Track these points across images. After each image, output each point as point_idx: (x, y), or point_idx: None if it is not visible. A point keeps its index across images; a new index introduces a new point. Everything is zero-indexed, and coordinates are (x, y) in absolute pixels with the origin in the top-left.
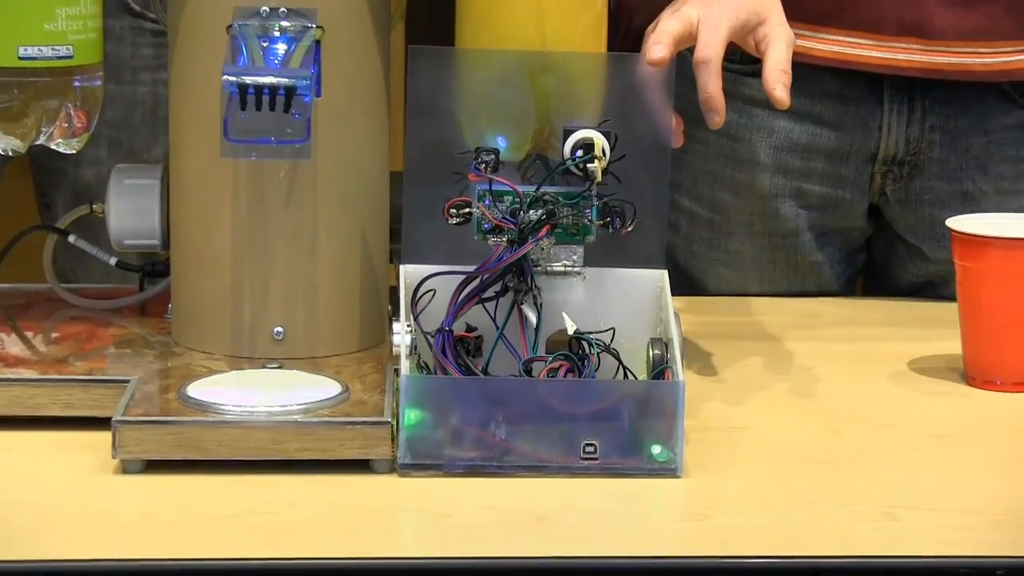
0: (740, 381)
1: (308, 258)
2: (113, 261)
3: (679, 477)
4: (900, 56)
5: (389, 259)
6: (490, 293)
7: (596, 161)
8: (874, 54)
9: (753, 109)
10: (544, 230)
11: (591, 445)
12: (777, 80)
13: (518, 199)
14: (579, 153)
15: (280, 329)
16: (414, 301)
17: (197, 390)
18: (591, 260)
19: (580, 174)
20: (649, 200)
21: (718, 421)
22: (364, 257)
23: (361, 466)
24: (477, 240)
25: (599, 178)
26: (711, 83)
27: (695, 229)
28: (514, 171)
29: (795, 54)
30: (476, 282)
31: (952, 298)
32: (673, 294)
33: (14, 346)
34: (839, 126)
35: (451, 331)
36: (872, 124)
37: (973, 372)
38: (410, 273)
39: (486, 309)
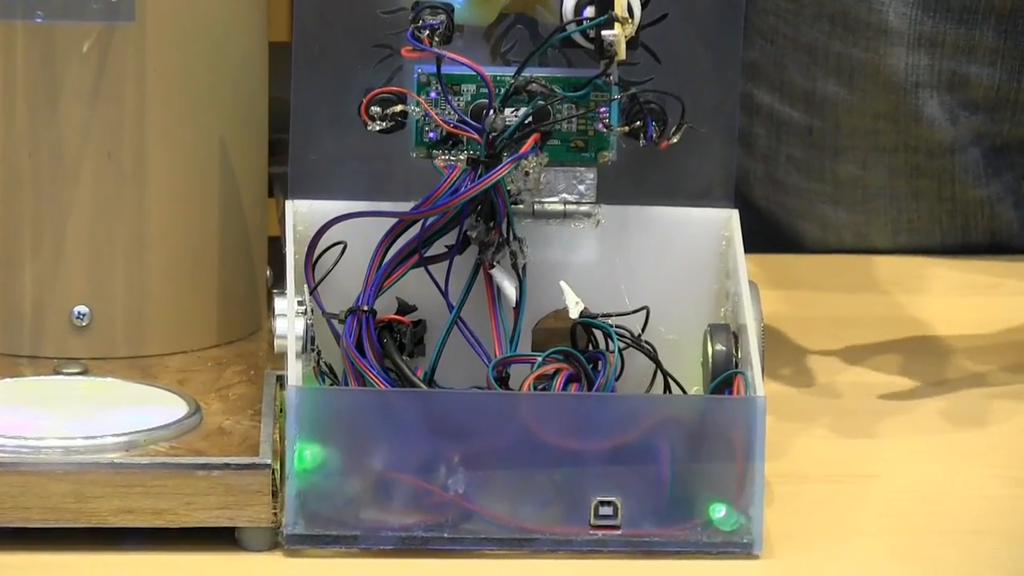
0: (858, 398)
1: (131, 189)
2: None
3: (756, 557)
4: None
5: (268, 191)
6: (439, 249)
7: (617, 26)
8: None
9: None
10: (530, 141)
11: (609, 504)
12: None
13: (486, 89)
14: (588, 12)
15: (84, 310)
16: (310, 262)
17: None
18: (609, 193)
19: (590, 47)
20: (708, 91)
21: (821, 465)
22: (225, 188)
23: (223, 538)
24: (416, 159)
25: (622, 55)
26: None
27: (782, 143)
28: (480, 42)
29: None
30: (415, 230)
31: None
32: (748, 250)
33: None
34: None
35: (372, 312)
36: None
37: None
38: (303, 215)
39: (431, 276)
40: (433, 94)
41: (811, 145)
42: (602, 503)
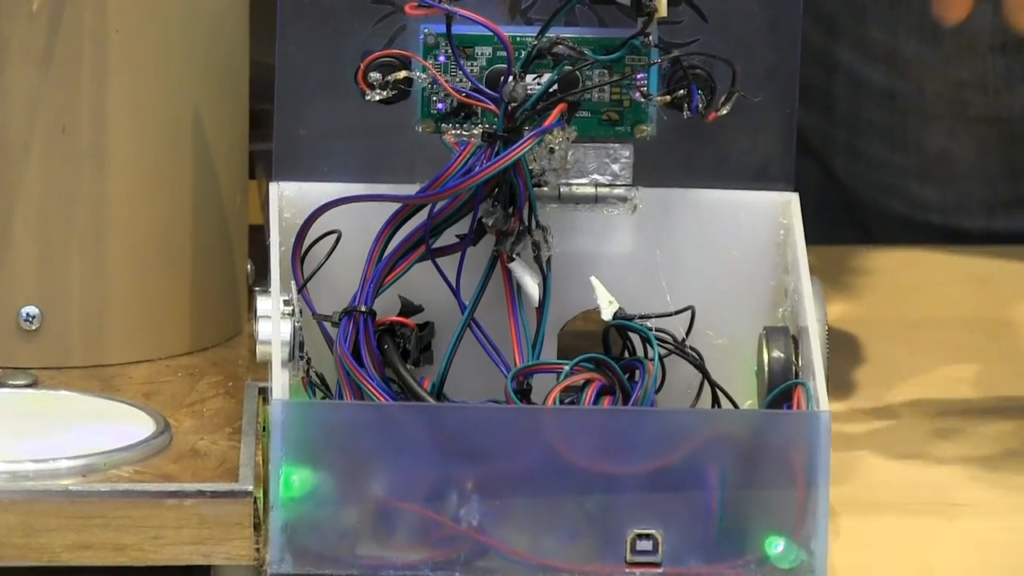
0: (939, 415)
1: (88, 170)
2: None
3: None
4: None
5: (249, 172)
6: (449, 239)
7: None
8: None
9: None
10: (555, 113)
11: (648, 537)
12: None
13: (504, 52)
14: None
15: (33, 311)
16: (299, 254)
17: None
18: (648, 173)
19: (626, 3)
20: (763, 54)
21: (895, 491)
22: (199, 168)
23: None
24: (422, 133)
25: (663, 11)
26: None
27: (863, 107)
28: None
29: None
30: (421, 217)
31: None
32: (811, 242)
33: None
34: None
35: (372, 313)
36: None
37: None
38: (291, 199)
39: (440, 271)
40: (442, 58)
41: (894, 110)
42: (640, 536)
